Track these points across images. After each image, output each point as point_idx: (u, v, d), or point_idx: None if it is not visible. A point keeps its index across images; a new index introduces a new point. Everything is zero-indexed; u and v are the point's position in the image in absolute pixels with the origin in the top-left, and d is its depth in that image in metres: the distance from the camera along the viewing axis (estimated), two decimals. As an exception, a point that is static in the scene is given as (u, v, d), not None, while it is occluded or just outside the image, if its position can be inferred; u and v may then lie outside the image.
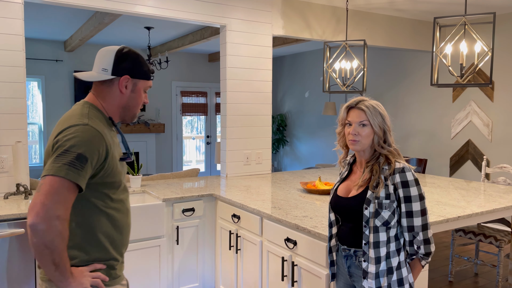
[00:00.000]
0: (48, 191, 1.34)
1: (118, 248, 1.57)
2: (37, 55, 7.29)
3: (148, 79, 1.61)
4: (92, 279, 1.47)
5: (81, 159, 1.37)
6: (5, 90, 2.96)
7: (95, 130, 1.44)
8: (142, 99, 1.62)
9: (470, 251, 4.54)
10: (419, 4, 4.63)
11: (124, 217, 1.58)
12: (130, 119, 1.64)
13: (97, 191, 1.48)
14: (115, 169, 1.52)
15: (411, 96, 6.36)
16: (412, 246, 1.67)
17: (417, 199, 1.66)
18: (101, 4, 3.32)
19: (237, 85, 3.99)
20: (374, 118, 1.70)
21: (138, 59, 1.58)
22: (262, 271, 2.66)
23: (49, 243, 1.32)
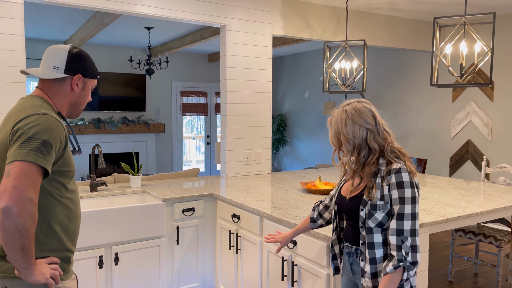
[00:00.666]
0: (19, 175, 1.35)
1: (72, 239, 1.59)
2: (37, 55, 7.29)
3: (95, 78, 1.70)
4: (51, 271, 1.48)
5: (46, 145, 1.41)
6: (5, 90, 2.96)
7: (55, 119, 1.49)
8: (88, 97, 1.70)
9: (470, 251, 4.54)
10: (419, 4, 4.63)
11: (76, 208, 1.61)
12: (76, 115, 1.71)
13: (53, 180, 1.50)
14: (71, 159, 1.57)
15: (411, 96, 6.36)
16: (400, 251, 1.55)
17: (410, 202, 1.58)
18: (101, 4, 3.32)
19: (237, 85, 4.00)
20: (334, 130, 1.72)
21: (89, 59, 1.67)
22: (262, 271, 2.66)
23: (21, 226, 1.33)
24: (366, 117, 1.68)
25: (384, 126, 1.73)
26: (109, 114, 8.03)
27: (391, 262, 1.56)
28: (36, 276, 1.42)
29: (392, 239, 1.58)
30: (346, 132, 1.67)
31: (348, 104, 1.72)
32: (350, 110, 1.69)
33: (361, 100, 1.75)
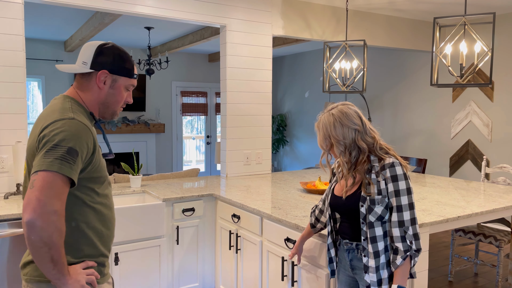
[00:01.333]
0: (42, 186, 1.30)
1: (107, 244, 1.56)
2: (37, 55, 7.29)
3: (130, 77, 1.56)
4: (87, 276, 1.44)
5: (72, 153, 1.34)
6: (5, 90, 2.96)
7: (82, 124, 1.41)
8: (123, 97, 1.57)
9: (470, 251, 4.54)
10: (419, 4, 4.63)
11: (110, 212, 1.56)
12: (110, 116, 1.60)
13: (83, 186, 1.45)
14: (102, 163, 1.51)
15: (411, 96, 6.36)
16: (405, 241, 1.67)
17: (405, 193, 1.68)
18: (101, 4, 3.32)
19: (237, 85, 4.00)
20: (322, 134, 1.79)
21: (120, 55, 1.54)
22: (262, 271, 2.66)
23: (47, 239, 1.29)
24: (352, 118, 1.76)
25: (370, 126, 1.81)
26: (109, 114, 8.02)
27: (398, 254, 1.67)
28: (70, 285, 1.37)
29: (395, 231, 1.68)
30: (336, 134, 1.75)
31: (333, 108, 1.80)
32: (337, 113, 1.76)
33: (345, 103, 1.83)
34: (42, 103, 7.48)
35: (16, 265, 2.50)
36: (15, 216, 2.47)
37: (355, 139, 1.75)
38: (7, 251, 2.46)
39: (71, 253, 1.45)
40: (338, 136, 1.75)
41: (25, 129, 3.04)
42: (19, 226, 2.48)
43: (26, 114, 3.05)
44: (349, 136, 1.74)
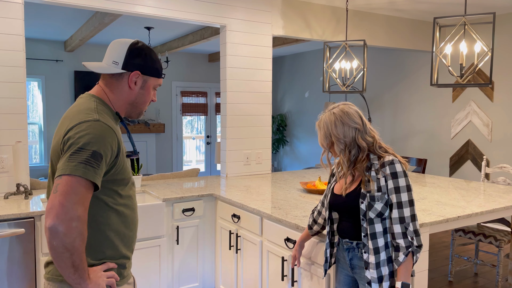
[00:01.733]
0: (66, 191, 1.29)
1: (129, 245, 1.55)
2: (37, 55, 7.29)
3: (159, 77, 1.57)
4: (107, 279, 1.44)
5: (96, 157, 1.33)
6: (5, 90, 2.96)
7: (107, 125, 1.39)
8: (150, 96, 1.58)
9: (470, 251, 4.54)
10: (419, 4, 4.63)
11: (133, 213, 1.55)
12: (137, 115, 1.60)
13: (106, 188, 1.43)
14: (125, 165, 1.49)
15: (411, 96, 6.36)
16: (406, 237, 1.69)
17: (405, 190, 1.71)
18: (101, 4, 3.32)
19: (237, 85, 4.00)
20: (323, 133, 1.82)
21: (151, 55, 1.53)
22: (262, 271, 2.66)
23: (69, 245, 1.28)
24: (353, 117, 1.80)
25: (370, 126, 1.85)
26: (109, 114, 8.03)
27: (400, 251, 1.69)
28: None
29: (396, 228, 1.71)
30: (336, 132, 1.79)
31: (335, 107, 1.84)
32: (338, 112, 1.80)
33: (346, 103, 1.87)
34: (42, 103, 7.48)
35: (16, 265, 2.50)
36: (15, 216, 2.47)
37: (355, 137, 1.78)
38: (7, 251, 2.46)
39: (92, 255, 1.44)
40: (339, 135, 1.78)
41: (25, 129, 3.04)
42: (19, 226, 2.48)
43: (26, 114, 3.05)
44: (349, 135, 1.78)
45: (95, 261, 1.45)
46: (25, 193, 2.90)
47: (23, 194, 2.95)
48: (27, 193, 2.90)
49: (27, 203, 2.75)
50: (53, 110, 7.56)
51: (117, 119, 1.53)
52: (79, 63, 7.68)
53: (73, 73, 7.62)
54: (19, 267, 2.50)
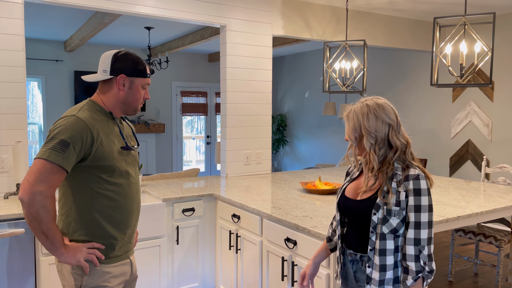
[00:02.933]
0: (33, 171, 1.56)
1: (120, 228, 1.76)
2: (37, 55, 7.29)
3: (144, 77, 1.80)
4: (88, 254, 1.68)
5: (63, 144, 1.58)
6: (5, 90, 2.96)
7: (80, 120, 1.64)
8: (140, 94, 1.81)
9: (470, 251, 4.54)
10: (419, 4, 4.63)
11: (124, 199, 1.76)
12: (132, 112, 1.83)
13: (92, 174, 1.68)
14: (108, 154, 1.69)
15: (411, 96, 6.36)
16: (418, 261, 1.52)
17: (426, 210, 1.53)
18: (101, 4, 3.32)
19: (237, 85, 3.99)
20: (351, 125, 1.64)
21: (133, 59, 1.77)
22: (262, 271, 2.66)
23: (35, 214, 1.55)
24: (388, 112, 1.62)
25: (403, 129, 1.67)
26: (109, 114, 8.03)
27: (409, 274, 1.53)
28: (65, 258, 1.63)
29: (410, 249, 1.54)
30: (368, 125, 1.60)
31: (368, 99, 1.65)
32: (372, 105, 1.62)
33: (380, 97, 1.68)
34: (42, 103, 7.48)
35: (16, 265, 2.50)
36: (15, 216, 2.47)
37: (389, 134, 1.60)
38: (7, 251, 2.46)
39: (79, 230, 1.70)
40: (371, 128, 1.59)
41: (25, 129, 3.04)
42: (19, 226, 2.48)
43: (26, 114, 3.05)
44: (382, 130, 1.60)
45: (84, 238, 1.70)
46: (25, 193, 2.90)
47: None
48: (27, 193, 2.90)
49: (27, 203, 2.74)
50: (53, 110, 7.56)
51: (110, 117, 1.78)
52: (79, 63, 7.68)
53: (73, 73, 7.62)
54: (19, 267, 2.50)
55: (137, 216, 1.86)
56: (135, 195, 1.82)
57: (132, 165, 1.84)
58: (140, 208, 1.89)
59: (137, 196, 1.85)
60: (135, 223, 1.86)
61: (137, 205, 1.85)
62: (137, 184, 1.86)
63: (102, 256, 1.71)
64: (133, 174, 1.82)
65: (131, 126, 1.95)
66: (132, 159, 1.84)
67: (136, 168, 1.88)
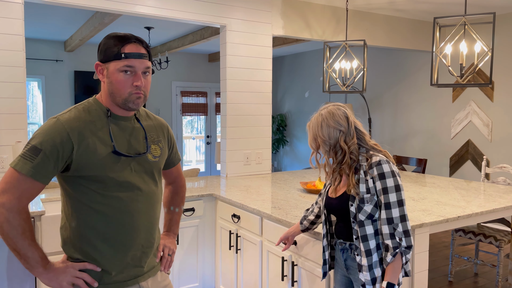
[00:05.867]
0: (1, 180, 1.37)
1: (119, 249, 1.47)
2: (37, 55, 7.29)
3: (117, 59, 1.43)
4: (75, 278, 1.41)
5: (33, 150, 1.36)
6: (5, 90, 2.96)
7: (59, 122, 1.40)
8: (121, 81, 1.44)
9: (470, 251, 4.54)
10: (419, 4, 4.63)
11: (123, 216, 1.46)
12: (123, 105, 1.47)
13: (81, 186, 1.43)
14: (94, 162, 1.41)
15: (411, 96, 6.36)
16: (394, 238, 1.68)
17: (394, 190, 1.69)
18: (101, 4, 3.32)
19: (237, 85, 3.99)
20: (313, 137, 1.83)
21: (108, 40, 1.46)
22: (262, 271, 2.66)
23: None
24: (339, 119, 1.79)
25: (359, 127, 1.84)
26: (109, 114, 8.03)
27: (389, 252, 1.68)
28: (45, 279, 1.39)
29: (385, 229, 1.70)
30: (322, 134, 1.80)
31: (324, 108, 1.84)
32: (325, 114, 1.81)
33: (337, 104, 1.86)
34: (42, 103, 7.48)
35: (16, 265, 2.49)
36: (15, 216, 2.47)
37: (339, 139, 1.78)
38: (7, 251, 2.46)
39: (73, 248, 1.46)
40: (324, 136, 1.79)
41: (25, 129, 3.04)
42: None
43: (26, 114, 3.06)
44: (334, 137, 1.79)
45: (78, 256, 1.46)
46: (25, 193, 2.89)
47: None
48: (27, 193, 2.90)
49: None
50: (53, 110, 7.56)
51: (106, 115, 1.50)
52: (79, 63, 7.68)
53: (73, 73, 7.62)
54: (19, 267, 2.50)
55: (146, 235, 1.53)
56: (142, 210, 1.50)
57: (142, 175, 1.52)
58: (153, 225, 1.57)
59: (148, 211, 1.52)
60: (146, 243, 1.53)
61: (146, 222, 1.52)
62: (149, 197, 1.53)
63: (93, 282, 1.43)
64: (141, 186, 1.50)
65: (144, 127, 1.57)
66: (142, 167, 1.52)
67: (150, 177, 1.55)
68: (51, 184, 3.25)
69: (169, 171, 1.79)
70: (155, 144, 1.59)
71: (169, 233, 1.79)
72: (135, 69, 1.45)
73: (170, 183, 1.85)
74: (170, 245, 1.72)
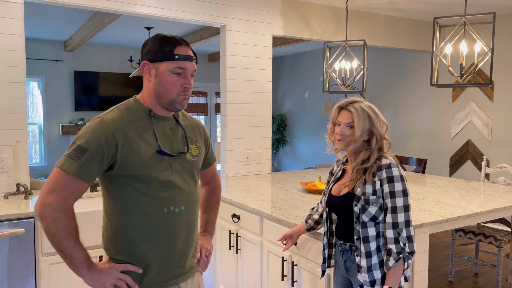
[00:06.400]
0: (48, 180, 1.38)
1: (160, 249, 1.47)
2: (37, 55, 7.29)
3: (170, 60, 1.44)
4: (117, 279, 1.42)
5: (79, 150, 1.37)
6: (5, 90, 2.96)
7: (104, 122, 1.42)
8: (171, 83, 1.45)
9: (470, 251, 4.54)
10: (419, 4, 4.63)
11: (165, 216, 1.47)
12: (170, 106, 1.49)
13: (124, 185, 1.44)
14: (138, 162, 1.42)
15: (411, 96, 6.36)
16: (398, 243, 1.66)
17: (401, 195, 1.68)
18: (101, 4, 3.32)
19: (237, 85, 3.99)
20: (360, 121, 1.75)
21: (158, 41, 1.46)
22: (262, 271, 2.66)
23: (46, 229, 1.36)
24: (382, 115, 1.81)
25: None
26: (109, 114, 8.02)
27: (391, 256, 1.67)
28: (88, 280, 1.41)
29: (389, 233, 1.68)
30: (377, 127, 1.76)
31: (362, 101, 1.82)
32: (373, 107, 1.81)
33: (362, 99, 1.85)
34: (42, 103, 7.48)
35: (16, 265, 2.49)
36: (15, 216, 2.47)
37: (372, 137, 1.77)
38: (7, 251, 2.46)
39: (114, 248, 1.48)
40: (378, 130, 1.76)
41: (25, 129, 3.04)
42: (19, 226, 2.48)
43: (26, 114, 3.05)
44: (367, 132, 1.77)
45: (120, 257, 1.46)
46: (25, 193, 2.90)
47: (23, 194, 2.95)
48: (27, 193, 2.90)
49: (27, 203, 2.75)
50: (53, 110, 7.56)
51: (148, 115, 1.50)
52: (79, 63, 7.68)
53: (73, 73, 7.62)
54: (19, 267, 2.50)
55: (186, 236, 1.54)
56: (183, 211, 1.51)
57: (183, 174, 1.52)
58: (193, 225, 1.58)
59: (188, 211, 1.53)
60: (186, 244, 1.54)
61: (186, 222, 1.53)
62: (188, 197, 1.54)
63: (134, 285, 1.44)
64: (182, 186, 1.51)
65: (183, 127, 1.59)
66: (183, 167, 1.53)
67: (190, 177, 1.55)
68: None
69: (205, 171, 1.79)
70: (193, 144, 1.61)
71: (205, 233, 1.80)
72: (186, 71, 1.46)
73: (206, 183, 1.85)
74: (207, 245, 1.73)
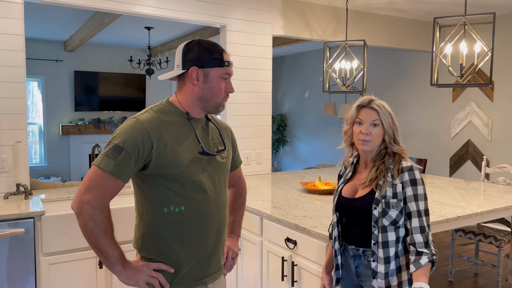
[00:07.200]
0: (85, 178, 1.41)
1: (191, 249, 1.50)
2: (37, 55, 7.29)
3: (221, 66, 1.55)
4: (150, 277, 1.46)
5: (115, 149, 1.40)
6: (5, 90, 2.96)
7: (139, 122, 1.45)
8: (220, 88, 1.55)
9: (470, 251, 4.54)
10: (419, 4, 4.63)
11: (197, 216, 1.50)
12: (214, 110, 1.57)
13: (158, 184, 1.47)
14: (173, 162, 1.46)
15: (411, 96, 6.36)
16: (429, 247, 1.58)
17: (423, 198, 1.63)
18: (101, 4, 3.32)
19: (237, 85, 3.99)
20: (385, 118, 1.71)
21: (205, 47, 1.53)
22: (262, 271, 2.66)
23: (83, 226, 1.38)
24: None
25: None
26: (109, 114, 8.03)
27: (425, 256, 1.57)
28: (123, 277, 1.45)
29: (418, 237, 1.59)
30: (397, 124, 1.77)
31: (376, 98, 1.76)
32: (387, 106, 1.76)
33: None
34: (42, 103, 7.48)
35: (16, 265, 2.49)
36: (15, 216, 2.47)
37: (394, 135, 1.76)
38: (7, 251, 2.46)
39: (146, 247, 1.52)
40: (397, 127, 1.76)
41: (25, 129, 3.04)
42: (19, 226, 2.48)
43: (26, 114, 3.05)
44: (391, 129, 1.75)
45: (152, 256, 1.50)
46: (25, 193, 2.90)
47: (23, 194, 2.95)
48: (27, 193, 2.90)
49: (27, 203, 2.75)
50: (53, 110, 7.56)
51: (186, 118, 1.55)
52: (79, 63, 7.69)
53: (73, 73, 7.62)
54: (19, 267, 2.50)
55: (216, 237, 1.57)
56: (213, 210, 1.54)
57: (213, 176, 1.56)
58: (223, 226, 1.60)
59: (218, 212, 1.56)
60: (216, 244, 1.58)
61: (217, 223, 1.56)
62: (219, 198, 1.57)
63: (166, 284, 1.48)
64: (213, 187, 1.55)
65: (218, 128, 1.65)
66: (214, 168, 1.57)
67: (220, 179, 1.59)
68: (51, 184, 3.25)
69: (232, 173, 1.82)
70: (222, 146, 1.64)
71: (232, 235, 1.83)
72: (229, 77, 1.58)
73: (232, 185, 1.86)
74: (233, 247, 1.76)
